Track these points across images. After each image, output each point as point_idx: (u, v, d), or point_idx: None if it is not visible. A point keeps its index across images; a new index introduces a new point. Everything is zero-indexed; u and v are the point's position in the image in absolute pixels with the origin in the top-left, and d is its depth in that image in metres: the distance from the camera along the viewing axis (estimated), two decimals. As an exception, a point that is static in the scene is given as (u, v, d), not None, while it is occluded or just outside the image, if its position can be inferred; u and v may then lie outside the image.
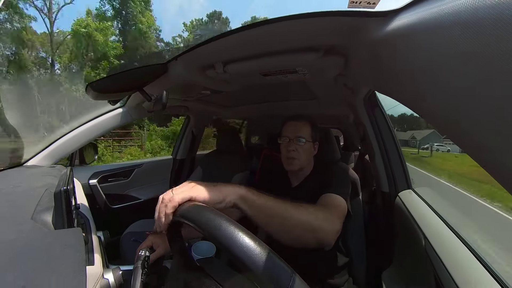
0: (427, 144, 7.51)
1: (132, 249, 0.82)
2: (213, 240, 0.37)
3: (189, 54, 0.81)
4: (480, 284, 0.51)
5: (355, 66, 0.75)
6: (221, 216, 0.39)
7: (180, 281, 0.47)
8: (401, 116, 6.83)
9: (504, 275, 0.51)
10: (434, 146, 7.32)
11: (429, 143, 7.46)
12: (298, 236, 0.61)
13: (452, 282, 0.53)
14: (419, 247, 0.69)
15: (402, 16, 0.39)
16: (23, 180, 0.79)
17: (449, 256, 0.60)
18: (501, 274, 0.51)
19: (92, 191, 1.52)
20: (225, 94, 1.32)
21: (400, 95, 0.47)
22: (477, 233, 0.85)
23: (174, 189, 0.51)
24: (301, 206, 0.64)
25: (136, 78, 0.92)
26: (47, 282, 0.30)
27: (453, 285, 0.52)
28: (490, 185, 2.55)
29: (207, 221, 0.39)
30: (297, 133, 1.01)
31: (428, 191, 1.01)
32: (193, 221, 0.41)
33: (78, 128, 1.21)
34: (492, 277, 0.51)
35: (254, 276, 0.35)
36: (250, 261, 0.34)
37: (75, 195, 0.64)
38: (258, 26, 0.62)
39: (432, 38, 0.29)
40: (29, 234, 0.42)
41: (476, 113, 0.24)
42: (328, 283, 0.93)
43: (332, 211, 0.76)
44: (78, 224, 0.60)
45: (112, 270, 0.57)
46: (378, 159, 1.16)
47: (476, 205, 2.66)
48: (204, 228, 0.38)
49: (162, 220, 0.48)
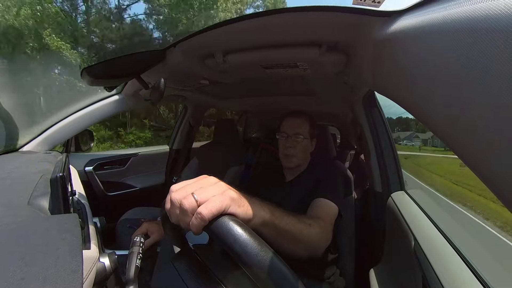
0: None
1: (127, 235, 0.83)
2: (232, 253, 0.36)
3: (188, 41, 0.79)
4: (464, 284, 0.52)
5: (356, 65, 0.75)
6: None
7: (174, 266, 0.48)
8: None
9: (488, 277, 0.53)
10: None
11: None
12: (294, 250, 0.60)
13: (438, 282, 0.55)
14: (408, 247, 0.71)
15: (406, 18, 0.39)
16: (18, 165, 0.78)
17: (437, 257, 0.61)
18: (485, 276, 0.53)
19: (88, 178, 1.52)
20: (224, 85, 1.31)
21: (398, 97, 0.47)
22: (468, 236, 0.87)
23: (194, 189, 0.40)
24: (310, 226, 0.65)
25: (133, 64, 0.90)
26: (44, 265, 0.30)
27: (438, 285, 0.54)
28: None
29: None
30: (295, 130, 1.01)
31: (420, 193, 1.03)
32: (230, 248, 0.36)
33: (74, 114, 1.20)
34: (477, 279, 0.53)
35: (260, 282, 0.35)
36: (262, 272, 0.35)
37: (71, 182, 0.65)
38: (260, 16, 0.61)
39: (434, 41, 0.29)
40: (26, 219, 0.43)
41: (474, 119, 0.24)
42: (316, 275, 0.95)
43: (327, 223, 0.78)
44: (75, 210, 0.60)
45: (108, 255, 0.58)
46: (373, 159, 1.17)
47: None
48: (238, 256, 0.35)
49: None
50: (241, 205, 0.42)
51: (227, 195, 0.40)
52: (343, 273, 1.05)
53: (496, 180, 0.23)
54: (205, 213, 0.36)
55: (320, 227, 0.71)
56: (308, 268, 0.94)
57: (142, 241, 0.66)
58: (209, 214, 0.36)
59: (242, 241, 0.35)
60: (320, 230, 0.69)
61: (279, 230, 0.51)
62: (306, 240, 0.62)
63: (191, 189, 0.40)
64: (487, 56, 0.21)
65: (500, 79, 0.20)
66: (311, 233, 0.64)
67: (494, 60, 0.21)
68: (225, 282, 0.42)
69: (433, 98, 0.32)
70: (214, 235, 0.37)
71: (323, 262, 0.98)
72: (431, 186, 3.96)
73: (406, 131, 6.58)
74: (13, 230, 0.37)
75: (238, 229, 0.36)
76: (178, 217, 0.39)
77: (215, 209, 0.37)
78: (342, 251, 1.08)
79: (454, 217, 2.27)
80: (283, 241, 0.53)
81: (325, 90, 1.35)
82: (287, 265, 0.38)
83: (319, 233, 0.68)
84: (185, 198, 0.38)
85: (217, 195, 0.39)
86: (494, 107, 0.21)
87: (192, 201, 0.37)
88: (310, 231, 0.64)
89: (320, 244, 0.69)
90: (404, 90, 0.42)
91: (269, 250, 0.37)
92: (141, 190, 1.83)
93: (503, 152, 0.21)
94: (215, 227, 0.37)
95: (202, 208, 0.36)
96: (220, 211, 0.37)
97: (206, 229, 0.37)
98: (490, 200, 3.24)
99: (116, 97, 1.28)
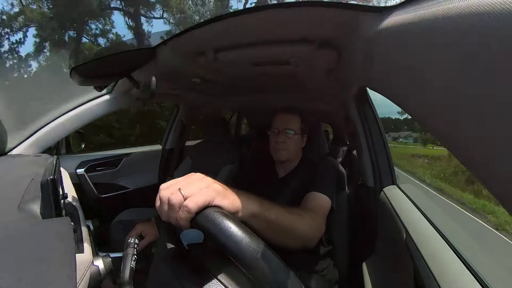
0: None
1: (121, 237, 0.82)
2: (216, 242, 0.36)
3: (178, 38, 0.78)
4: (454, 274, 0.54)
5: (348, 61, 0.75)
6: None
7: (169, 266, 0.48)
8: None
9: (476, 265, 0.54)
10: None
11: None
12: (286, 242, 0.60)
13: (428, 271, 0.56)
14: (400, 239, 0.73)
15: (397, 13, 0.39)
16: (7, 169, 0.77)
17: (427, 248, 0.63)
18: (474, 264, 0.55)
19: (80, 180, 1.49)
20: (215, 83, 1.31)
21: (389, 93, 0.47)
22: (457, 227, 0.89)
23: (181, 185, 0.41)
24: (300, 216, 0.66)
25: (123, 62, 0.89)
26: (37, 271, 0.30)
27: (429, 274, 0.55)
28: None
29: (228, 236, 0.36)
30: (286, 125, 1.02)
31: (411, 187, 1.05)
32: (215, 238, 0.36)
33: (64, 115, 1.17)
34: (466, 267, 0.54)
35: (254, 276, 0.35)
36: (253, 264, 0.35)
37: (62, 185, 0.64)
38: (250, 12, 0.61)
39: (426, 37, 0.30)
40: (16, 225, 0.42)
41: (465, 114, 0.25)
42: (309, 268, 0.97)
43: (320, 215, 0.80)
44: (67, 213, 0.59)
45: (101, 257, 0.58)
46: (365, 154, 1.18)
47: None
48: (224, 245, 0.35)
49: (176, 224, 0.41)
50: (226, 197, 0.43)
51: (212, 188, 0.42)
52: (337, 266, 1.07)
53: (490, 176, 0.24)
54: (191, 205, 0.37)
55: (312, 218, 0.72)
56: (302, 260, 0.95)
57: (136, 242, 0.65)
58: (195, 207, 0.38)
59: (227, 229, 0.36)
60: (311, 222, 0.69)
61: (269, 222, 0.52)
62: (297, 231, 0.62)
63: (178, 185, 0.41)
64: (479, 50, 0.22)
65: (491, 74, 0.21)
66: (301, 224, 0.64)
67: (486, 54, 0.21)
68: (221, 278, 0.42)
69: (425, 93, 0.32)
70: (200, 226, 0.38)
71: (317, 255, 0.99)
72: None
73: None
74: (3, 237, 0.36)
75: (223, 218, 0.37)
76: (167, 214, 0.40)
77: (200, 202, 0.38)
78: (335, 244, 1.09)
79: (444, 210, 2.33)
80: (274, 232, 0.54)
81: (317, 87, 1.35)
82: (275, 253, 0.38)
83: (310, 225, 0.68)
84: (173, 194, 0.40)
85: (203, 189, 0.41)
86: (487, 101, 0.22)
87: (179, 196, 0.39)
88: (301, 222, 0.64)
89: (312, 236, 0.69)
90: (396, 86, 0.42)
91: (256, 238, 0.37)
92: (135, 191, 1.81)
93: (487, 142, 0.22)
94: (200, 218, 0.38)
95: (188, 201, 0.38)
96: (205, 203, 0.39)
97: (193, 222, 0.38)
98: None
99: (107, 97, 1.26)
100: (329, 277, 1.00)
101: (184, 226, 0.39)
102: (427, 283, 0.55)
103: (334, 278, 1.02)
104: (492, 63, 0.21)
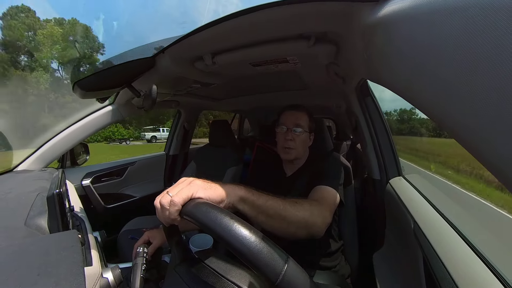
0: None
1: (130, 247, 0.82)
2: (210, 233, 0.38)
3: (176, 46, 0.79)
4: (464, 262, 0.53)
5: (347, 54, 0.74)
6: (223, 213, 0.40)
7: (179, 274, 0.48)
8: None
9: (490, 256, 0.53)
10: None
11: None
12: (293, 232, 0.61)
13: (439, 261, 0.55)
14: (409, 230, 0.72)
15: (395, 2, 0.38)
16: (14, 185, 0.77)
17: (436, 236, 0.62)
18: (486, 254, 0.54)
19: (86, 192, 1.50)
20: (215, 86, 1.31)
21: (391, 83, 0.46)
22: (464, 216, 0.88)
23: (170, 190, 0.47)
24: (296, 203, 0.65)
25: (123, 73, 0.90)
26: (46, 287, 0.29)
27: (440, 264, 0.54)
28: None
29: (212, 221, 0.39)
30: (295, 122, 1.02)
31: (417, 178, 1.04)
32: (200, 222, 0.40)
33: (68, 128, 1.19)
34: (477, 255, 0.53)
35: (251, 263, 0.36)
36: (246, 250, 0.35)
37: (68, 197, 0.64)
38: (245, 13, 0.60)
39: (425, 25, 0.29)
40: (23, 241, 0.42)
41: (466, 103, 0.24)
42: (322, 266, 0.97)
43: (324, 205, 0.78)
44: (73, 226, 0.59)
45: (111, 269, 0.57)
46: (370, 147, 1.17)
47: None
48: (211, 229, 0.38)
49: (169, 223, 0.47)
50: (208, 188, 0.48)
51: (193, 184, 0.48)
52: (348, 261, 1.07)
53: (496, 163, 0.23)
54: (176, 200, 0.44)
55: (311, 204, 0.71)
56: (315, 259, 0.94)
57: (145, 251, 0.65)
58: (180, 200, 0.44)
59: (209, 213, 0.40)
60: (311, 207, 0.68)
61: (259, 206, 0.54)
62: (296, 217, 0.61)
63: (167, 190, 0.47)
64: (481, 33, 0.21)
65: (493, 57, 0.20)
66: (299, 209, 0.63)
67: (488, 37, 0.21)
68: (233, 280, 0.42)
69: (427, 79, 0.31)
70: (186, 214, 0.43)
71: (328, 252, 0.99)
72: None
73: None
74: (11, 253, 0.36)
75: (203, 204, 0.42)
76: (162, 216, 0.46)
77: (184, 195, 0.44)
78: (345, 239, 1.09)
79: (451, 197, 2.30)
80: (267, 218, 0.56)
81: (318, 83, 1.34)
82: (265, 236, 0.38)
83: (311, 210, 0.67)
84: (163, 198, 0.46)
85: (185, 186, 0.47)
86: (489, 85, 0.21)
87: (167, 197, 0.45)
88: (298, 207, 0.63)
89: (314, 222, 0.66)
90: (397, 74, 0.41)
91: (240, 220, 0.39)
92: (141, 199, 1.82)
93: (490, 125, 0.21)
94: (186, 209, 0.43)
95: (174, 197, 0.44)
96: (189, 196, 0.45)
97: (181, 213, 0.44)
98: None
99: (110, 108, 1.27)
100: (342, 272, 1.00)
101: (173, 219, 0.44)
102: (436, 271, 0.54)
103: (347, 273, 1.02)
104: (487, 50, 0.20)
